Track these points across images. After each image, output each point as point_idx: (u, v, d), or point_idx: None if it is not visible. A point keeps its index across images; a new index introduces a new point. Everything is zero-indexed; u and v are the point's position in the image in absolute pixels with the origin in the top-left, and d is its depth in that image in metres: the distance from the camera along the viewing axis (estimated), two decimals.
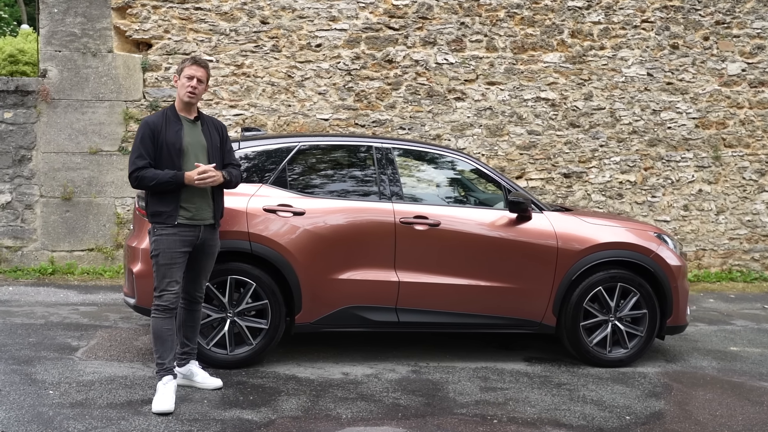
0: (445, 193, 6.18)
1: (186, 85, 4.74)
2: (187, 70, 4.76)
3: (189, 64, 4.78)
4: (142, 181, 4.64)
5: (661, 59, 10.07)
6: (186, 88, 4.74)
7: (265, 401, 4.82)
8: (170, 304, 4.68)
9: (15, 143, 8.87)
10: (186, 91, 4.74)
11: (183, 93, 4.75)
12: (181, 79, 4.75)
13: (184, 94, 4.75)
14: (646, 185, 10.12)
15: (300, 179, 5.78)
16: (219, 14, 9.21)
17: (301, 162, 5.84)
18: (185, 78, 4.74)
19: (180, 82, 4.76)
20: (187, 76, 4.74)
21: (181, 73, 4.76)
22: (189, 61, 4.81)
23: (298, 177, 5.78)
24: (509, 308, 5.82)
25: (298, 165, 5.82)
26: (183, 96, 4.76)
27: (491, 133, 9.76)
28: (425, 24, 9.59)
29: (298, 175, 5.79)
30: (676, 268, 6.02)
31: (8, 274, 8.71)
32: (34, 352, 5.72)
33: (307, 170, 5.88)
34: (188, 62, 4.80)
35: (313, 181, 5.83)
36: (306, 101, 9.40)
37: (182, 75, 4.76)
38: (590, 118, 9.95)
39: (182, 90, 4.75)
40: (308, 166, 5.90)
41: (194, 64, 4.79)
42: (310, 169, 5.90)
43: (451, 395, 5.11)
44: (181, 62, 4.85)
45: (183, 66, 4.78)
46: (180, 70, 4.79)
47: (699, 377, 5.79)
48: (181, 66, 4.80)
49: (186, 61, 4.83)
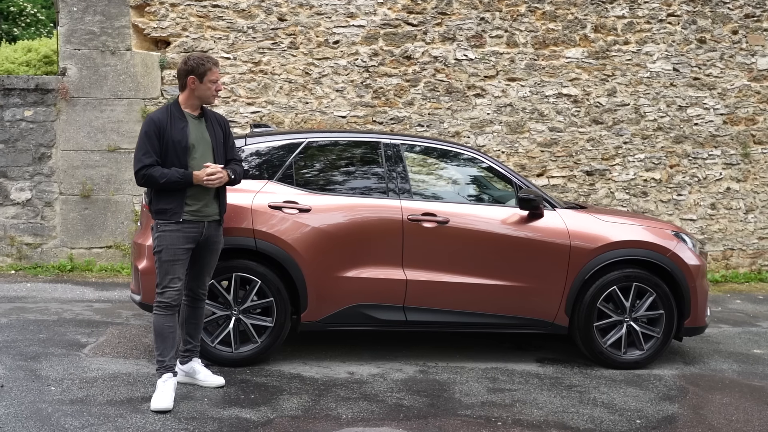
0: (454, 190, 6.05)
1: (213, 89, 4.72)
2: (212, 74, 4.68)
3: (213, 68, 4.69)
4: (150, 179, 4.59)
5: (687, 54, 9.83)
6: (213, 92, 4.73)
7: (265, 400, 4.76)
8: (172, 301, 4.64)
9: (35, 141, 8.94)
10: (214, 95, 4.75)
11: (209, 96, 4.73)
12: (205, 83, 4.67)
13: (212, 97, 4.76)
14: (671, 183, 9.88)
15: (307, 176, 5.71)
16: (236, 11, 9.19)
17: (308, 158, 5.77)
18: (210, 82, 4.68)
19: (203, 86, 4.67)
20: (212, 80, 4.69)
21: (204, 77, 4.65)
22: (211, 63, 4.70)
23: (305, 173, 5.71)
24: (520, 308, 5.69)
25: (305, 161, 5.75)
26: (209, 99, 4.77)
27: (511, 130, 9.60)
28: (444, 20, 9.47)
29: (304, 171, 5.72)
30: (695, 268, 5.83)
31: (28, 270, 8.79)
32: (43, 348, 5.73)
33: (314, 167, 5.81)
34: (210, 64, 4.69)
35: (319, 178, 5.76)
36: (323, 98, 9.34)
37: (206, 79, 4.66)
38: (614, 114, 9.75)
39: (208, 93, 4.72)
40: (315, 162, 5.82)
41: (215, 65, 4.74)
42: (317, 165, 5.82)
43: (456, 396, 5.00)
44: (198, 63, 4.67)
45: (205, 68, 4.65)
46: (202, 73, 4.65)
47: (717, 380, 5.60)
48: (201, 68, 4.65)
49: (206, 62, 4.68)
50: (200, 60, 4.68)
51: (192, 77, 4.65)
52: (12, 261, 8.95)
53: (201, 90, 4.68)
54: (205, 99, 4.73)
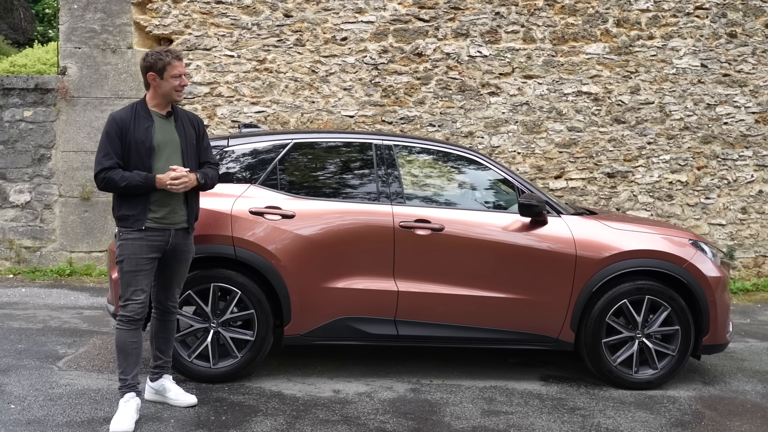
0: (451, 195, 5.64)
1: (175, 84, 4.32)
2: (172, 68, 4.30)
3: (174, 61, 4.31)
4: (110, 183, 4.25)
5: (716, 49, 9.27)
6: (176, 89, 4.34)
7: (237, 422, 4.40)
8: (135, 314, 4.31)
9: (34, 142, 8.73)
10: (177, 92, 4.35)
11: (171, 92, 4.34)
12: (166, 79, 4.30)
13: (175, 94, 4.35)
14: (699, 186, 9.33)
15: (292, 179, 5.34)
16: (241, 8, 8.88)
17: (293, 160, 5.40)
18: (172, 78, 4.30)
19: (164, 82, 4.31)
20: (174, 75, 4.31)
21: (164, 72, 4.29)
22: (171, 57, 4.32)
23: (290, 177, 5.35)
24: (521, 322, 5.26)
25: (290, 163, 5.38)
26: (173, 96, 4.36)
27: (528, 129, 9.14)
28: (457, 14, 9.05)
29: (290, 174, 5.35)
30: (714, 280, 5.34)
31: (26, 275, 8.57)
32: (17, 360, 5.45)
33: (300, 169, 5.44)
34: (170, 58, 4.31)
35: (305, 181, 5.39)
36: (330, 97, 8.98)
37: (167, 74, 4.29)
38: (637, 113, 9.23)
39: (169, 90, 4.33)
40: (302, 164, 5.45)
41: (177, 59, 4.35)
42: (303, 168, 5.45)
43: (446, 419, 4.59)
44: (156, 58, 4.32)
45: (165, 63, 4.29)
46: (161, 68, 4.29)
47: (738, 403, 5.11)
48: (160, 63, 4.30)
49: (165, 56, 4.32)
50: (159, 54, 4.32)
51: (152, 74, 4.30)
52: (11, 265, 8.74)
53: (163, 87, 4.32)
54: (169, 96, 4.35)
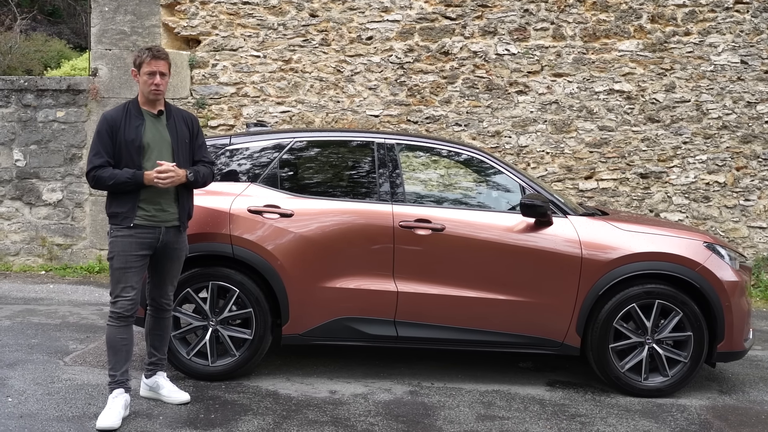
0: (453, 194, 5.54)
1: (149, 82, 4.33)
2: (147, 66, 4.32)
3: (148, 59, 4.33)
4: (99, 181, 4.30)
5: (757, 45, 8.90)
6: (150, 86, 4.34)
7: (224, 420, 4.39)
8: (125, 311, 4.34)
9: (66, 142, 8.93)
10: (150, 89, 4.35)
11: (147, 91, 4.36)
12: (142, 76, 4.34)
13: (149, 92, 4.36)
14: (737, 187, 8.98)
15: (292, 178, 5.32)
16: (267, 8, 8.91)
17: (294, 159, 5.38)
18: (146, 75, 4.33)
19: (141, 79, 4.35)
20: (148, 72, 4.32)
21: (141, 69, 4.34)
22: (147, 55, 4.34)
23: (290, 175, 5.32)
24: (524, 325, 5.11)
25: (291, 162, 5.35)
26: (148, 94, 4.37)
27: (557, 129, 8.94)
28: (485, 12, 8.91)
29: (290, 173, 5.33)
30: (730, 285, 5.10)
31: (57, 271, 8.77)
32: (27, 354, 5.56)
33: (301, 168, 5.41)
34: (146, 56, 4.33)
35: (305, 180, 5.36)
36: (355, 97, 8.94)
37: (142, 71, 4.34)
38: (672, 111, 8.93)
39: (145, 88, 4.35)
40: (302, 163, 5.42)
41: (153, 58, 4.34)
42: (303, 166, 5.42)
43: (438, 423, 4.49)
44: (138, 54, 4.38)
45: (141, 60, 4.33)
46: (138, 64, 4.35)
47: (752, 414, 4.86)
48: (138, 59, 4.35)
49: (143, 54, 4.35)
50: (141, 51, 4.36)
51: (134, 70, 4.36)
52: (43, 261, 8.97)
53: (141, 84, 4.36)
54: (145, 94, 4.37)
